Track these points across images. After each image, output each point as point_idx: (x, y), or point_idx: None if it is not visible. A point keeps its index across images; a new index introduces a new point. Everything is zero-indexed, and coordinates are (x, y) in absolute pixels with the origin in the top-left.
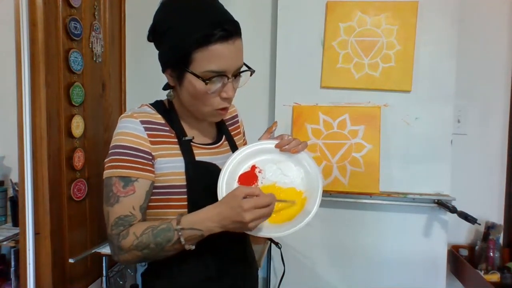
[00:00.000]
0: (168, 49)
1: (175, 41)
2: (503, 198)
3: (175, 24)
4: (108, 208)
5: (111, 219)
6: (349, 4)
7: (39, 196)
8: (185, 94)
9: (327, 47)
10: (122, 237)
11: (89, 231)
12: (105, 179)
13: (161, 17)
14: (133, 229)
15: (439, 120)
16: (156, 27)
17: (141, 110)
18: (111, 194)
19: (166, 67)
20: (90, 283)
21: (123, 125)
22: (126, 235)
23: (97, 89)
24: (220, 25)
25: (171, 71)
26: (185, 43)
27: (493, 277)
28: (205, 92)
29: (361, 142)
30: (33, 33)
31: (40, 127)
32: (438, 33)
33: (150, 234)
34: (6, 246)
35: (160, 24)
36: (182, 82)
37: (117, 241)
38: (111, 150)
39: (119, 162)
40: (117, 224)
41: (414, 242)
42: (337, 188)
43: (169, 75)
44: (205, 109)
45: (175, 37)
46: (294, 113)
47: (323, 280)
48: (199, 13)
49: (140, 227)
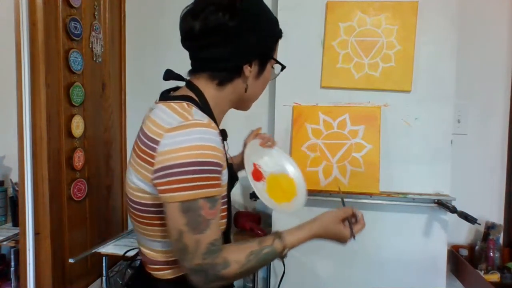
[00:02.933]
0: (264, 38)
1: (271, 31)
2: (503, 198)
3: (271, 16)
4: (197, 236)
5: (202, 247)
6: (349, 4)
7: (39, 196)
8: (260, 83)
9: (327, 47)
10: (222, 266)
11: (89, 231)
12: (185, 202)
13: (256, 7)
14: (229, 255)
15: (439, 120)
16: (249, 16)
17: (204, 115)
18: (201, 220)
19: (256, 56)
20: (90, 283)
21: (201, 136)
22: (227, 264)
23: (97, 89)
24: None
25: (257, 60)
26: (277, 33)
27: (493, 277)
28: (268, 80)
29: (361, 142)
30: (33, 33)
31: (40, 127)
32: (438, 33)
33: (255, 260)
34: (6, 246)
35: (256, 14)
36: (264, 70)
37: (216, 271)
38: (192, 166)
39: (206, 181)
40: (210, 251)
41: (414, 242)
42: (337, 188)
43: (250, 65)
44: (258, 97)
45: (272, 28)
46: (294, 113)
47: (323, 280)
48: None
49: (236, 253)
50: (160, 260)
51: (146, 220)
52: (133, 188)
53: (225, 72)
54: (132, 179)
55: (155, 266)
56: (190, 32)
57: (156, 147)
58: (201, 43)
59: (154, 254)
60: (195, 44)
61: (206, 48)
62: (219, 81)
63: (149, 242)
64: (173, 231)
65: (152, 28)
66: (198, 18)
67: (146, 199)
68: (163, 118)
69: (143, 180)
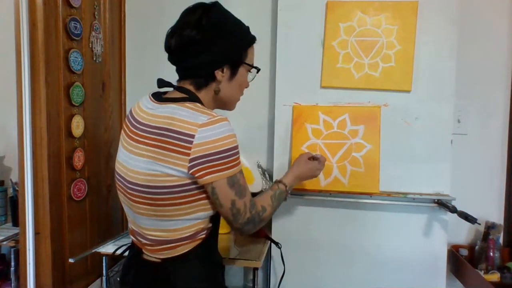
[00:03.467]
0: (230, 46)
1: (237, 40)
2: (503, 198)
3: (236, 27)
4: (244, 199)
5: (248, 205)
6: (349, 4)
7: (39, 196)
8: (234, 85)
9: (327, 47)
10: (262, 212)
11: (89, 231)
12: (230, 177)
13: (220, 21)
14: (262, 203)
15: (439, 120)
16: (213, 29)
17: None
18: (242, 188)
19: (225, 62)
20: (90, 283)
21: (229, 128)
22: (264, 209)
23: (97, 89)
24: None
25: (228, 66)
26: (245, 41)
27: (493, 277)
28: (246, 82)
29: (361, 142)
30: (33, 33)
31: (40, 127)
32: (438, 33)
33: (275, 200)
34: (6, 246)
35: (220, 27)
36: (236, 74)
37: (259, 216)
38: (230, 151)
39: (236, 160)
40: (252, 205)
41: (414, 242)
42: (337, 188)
43: (221, 71)
44: (238, 98)
45: (238, 37)
46: (294, 113)
47: (323, 280)
48: (240, 21)
49: (264, 200)
50: (172, 239)
51: (167, 201)
52: (150, 174)
53: (201, 78)
54: (146, 167)
55: (163, 246)
56: (169, 47)
57: (192, 140)
58: (178, 56)
59: (165, 234)
60: (174, 57)
61: (183, 59)
62: (197, 86)
63: (160, 223)
64: (226, 202)
65: (152, 28)
66: (174, 36)
67: (172, 182)
68: (190, 116)
69: (170, 166)
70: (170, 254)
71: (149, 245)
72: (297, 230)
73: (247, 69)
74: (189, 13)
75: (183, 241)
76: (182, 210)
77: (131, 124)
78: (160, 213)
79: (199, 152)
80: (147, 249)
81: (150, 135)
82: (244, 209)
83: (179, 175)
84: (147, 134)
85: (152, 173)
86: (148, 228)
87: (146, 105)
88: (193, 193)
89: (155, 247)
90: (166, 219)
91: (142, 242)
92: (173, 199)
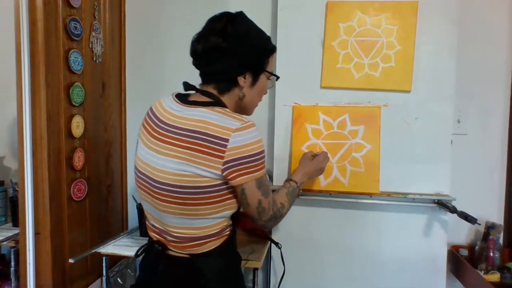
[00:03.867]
0: (253, 54)
1: (260, 48)
2: (503, 198)
3: (259, 36)
4: (268, 199)
5: (271, 203)
6: (349, 4)
7: (39, 196)
8: (255, 91)
9: (327, 47)
10: (281, 208)
11: (89, 231)
12: (258, 179)
13: (244, 30)
14: (280, 200)
15: (439, 120)
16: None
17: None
18: (267, 188)
19: (247, 69)
20: (90, 283)
21: (258, 133)
22: (283, 206)
23: (97, 89)
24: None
25: (249, 73)
26: (266, 50)
27: (493, 277)
28: (265, 89)
29: (361, 142)
30: (33, 33)
31: (40, 127)
32: (438, 33)
33: (290, 197)
34: (6, 246)
35: (244, 36)
36: (257, 81)
37: (280, 212)
38: (259, 155)
39: (263, 163)
40: (273, 203)
41: (414, 242)
42: (337, 188)
43: (243, 77)
44: (257, 104)
45: (260, 46)
46: (294, 113)
47: (323, 280)
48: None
49: (281, 197)
50: (200, 236)
51: (197, 201)
52: (180, 175)
53: (224, 83)
54: (177, 167)
55: (192, 243)
56: (195, 53)
57: (226, 144)
58: (203, 61)
59: (193, 232)
60: (199, 62)
61: (208, 64)
62: (220, 90)
63: (188, 221)
64: (253, 201)
65: (152, 28)
66: (200, 42)
67: (203, 182)
68: (222, 120)
69: (203, 168)
70: (198, 250)
71: (176, 242)
72: (297, 230)
73: (267, 76)
74: (215, 20)
75: (210, 238)
76: (210, 209)
77: (153, 123)
78: (189, 212)
79: (233, 156)
80: (174, 246)
81: (181, 137)
82: (268, 207)
83: (211, 177)
84: (177, 136)
85: (182, 174)
86: (175, 226)
87: (170, 106)
88: (222, 193)
89: (183, 244)
90: (194, 218)
91: (168, 239)
92: (203, 199)
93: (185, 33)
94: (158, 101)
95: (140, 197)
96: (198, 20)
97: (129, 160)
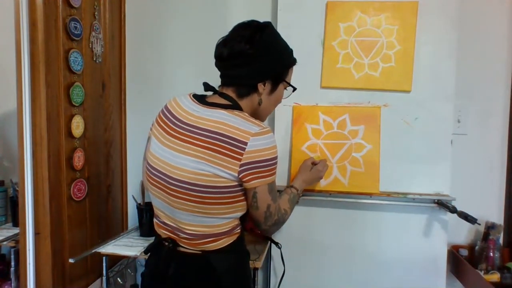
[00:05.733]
0: (276, 64)
1: (283, 59)
2: (503, 198)
3: (283, 48)
4: (276, 204)
5: (277, 209)
6: (349, 4)
7: (39, 196)
8: (272, 99)
9: (327, 47)
10: (284, 214)
11: (89, 231)
12: (270, 184)
13: (271, 40)
14: (283, 206)
15: (439, 120)
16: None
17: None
18: (276, 194)
19: (268, 77)
20: (90, 283)
21: (274, 139)
22: (286, 212)
23: (97, 89)
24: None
25: (269, 81)
26: (288, 61)
27: (493, 277)
28: (281, 98)
29: (361, 142)
30: (33, 33)
31: (40, 127)
32: (438, 33)
33: (292, 203)
34: (6, 246)
35: (270, 45)
36: (275, 89)
37: (283, 218)
38: (273, 160)
39: (276, 169)
40: (278, 209)
41: (414, 242)
42: (337, 188)
43: (263, 84)
44: (271, 111)
45: (283, 57)
46: (294, 113)
47: (323, 280)
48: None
49: (284, 203)
50: (212, 233)
51: (212, 200)
52: (198, 174)
53: (245, 88)
54: (195, 166)
55: (205, 240)
56: (221, 56)
57: (244, 147)
58: (228, 64)
59: (205, 229)
60: (223, 65)
61: (231, 68)
62: (240, 94)
63: (201, 219)
64: (262, 205)
65: (152, 28)
66: (226, 46)
67: (220, 182)
68: (242, 124)
69: (221, 169)
70: (211, 247)
71: (188, 239)
72: (297, 230)
73: (284, 86)
74: (244, 27)
75: (223, 235)
76: (223, 209)
77: (170, 121)
78: (203, 210)
79: (249, 159)
80: (186, 242)
81: (201, 137)
82: (274, 212)
83: (228, 177)
84: (196, 136)
85: (201, 173)
86: (188, 223)
87: (188, 106)
88: (236, 195)
89: (196, 241)
90: (207, 216)
91: (181, 236)
92: (218, 199)
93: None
94: (174, 100)
95: (152, 193)
96: (198, 20)
97: (129, 160)
